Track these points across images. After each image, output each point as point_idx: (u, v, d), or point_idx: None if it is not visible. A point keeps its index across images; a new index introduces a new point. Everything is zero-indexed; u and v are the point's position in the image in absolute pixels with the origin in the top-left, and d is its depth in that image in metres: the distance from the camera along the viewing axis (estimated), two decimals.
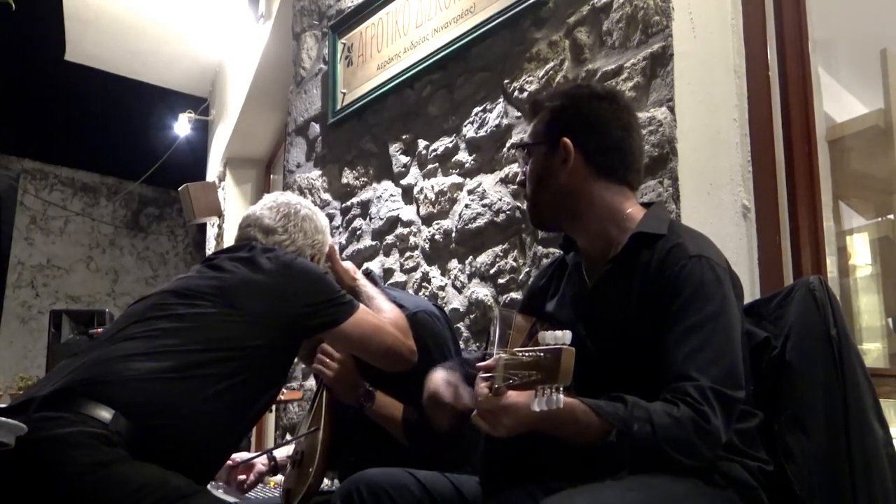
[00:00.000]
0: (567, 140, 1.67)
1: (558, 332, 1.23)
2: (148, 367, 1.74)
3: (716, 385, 1.40)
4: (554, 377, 1.21)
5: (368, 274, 2.41)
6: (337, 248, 3.61)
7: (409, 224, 3.23)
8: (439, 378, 1.70)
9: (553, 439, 1.43)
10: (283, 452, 2.55)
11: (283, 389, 2.84)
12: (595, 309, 1.64)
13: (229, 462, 2.43)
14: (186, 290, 1.93)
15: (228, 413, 1.82)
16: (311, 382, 3.67)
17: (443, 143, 3.09)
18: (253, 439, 5.00)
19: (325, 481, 2.54)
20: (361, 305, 2.06)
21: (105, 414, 1.65)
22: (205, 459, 1.82)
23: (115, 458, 1.61)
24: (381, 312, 2.12)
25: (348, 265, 2.29)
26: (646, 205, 1.72)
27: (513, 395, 1.34)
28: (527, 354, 1.25)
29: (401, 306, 2.23)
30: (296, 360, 2.86)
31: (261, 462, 2.44)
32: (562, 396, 1.21)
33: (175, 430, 1.72)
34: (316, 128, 3.96)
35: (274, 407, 2.99)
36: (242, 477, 2.39)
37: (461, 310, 2.86)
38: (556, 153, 1.68)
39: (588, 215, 1.67)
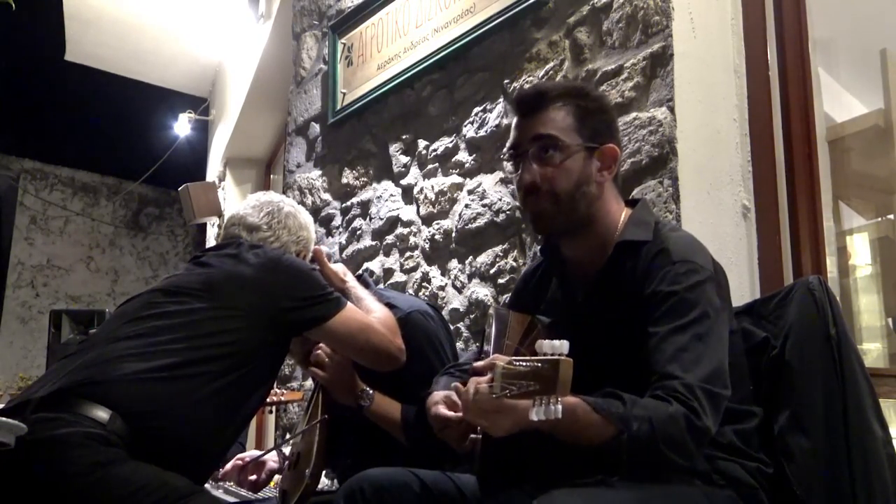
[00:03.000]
0: (615, 147, 1.62)
1: (556, 342, 1.20)
2: (142, 367, 1.75)
3: (702, 382, 1.38)
4: (552, 388, 1.19)
5: (361, 276, 2.41)
6: (337, 248, 3.62)
7: (409, 224, 3.23)
8: (438, 398, 1.68)
9: (551, 439, 1.42)
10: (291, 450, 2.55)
11: (283, 390, 2.84)
12: (585, 323, 1.59)
13: (238, 461, 2.43)
14: (175, 287, 1.94)
15: (222, 411, 1.83)
16: (310, 382, 3.66)
17: (443, 143, 3.09)
18: (253, 439, 5.00)
19: (325, 481, 2.54)
20: (349, 303, 2.06)
21: (102, 414, 1.66)
22: (201, 458, 1.83)
23: (114, 458, 1.62)
24: (370, 313, 2.12)
25: (338, 267, 2.29)
26: (630, 202, 1.69)
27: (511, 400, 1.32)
28: (524, 364, 1.22)
29: (394, 307, 2.23)
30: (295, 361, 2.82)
31: (272, 459, 2.44)
32: (560, 407, 1.19)
33: (171, 430, 1.73)
34: (316, 128, 3.96)
35: (274, 408, 3.00)
36: (254, 476, 2.39)
37: (461, 310, 2.86)
38: (590, 158, 1.60)
39: (597, 226, 1.62)
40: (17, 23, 4.98)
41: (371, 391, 2.14)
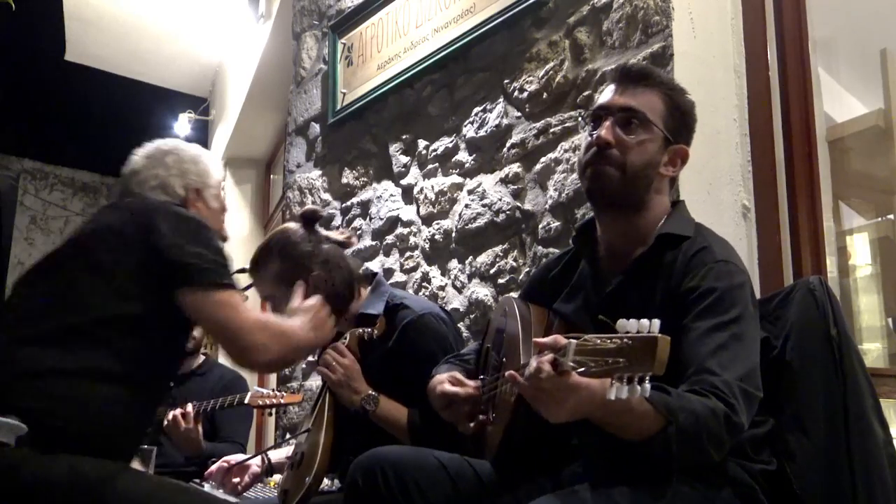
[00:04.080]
0: (686, 150, 1.67)
1: (644, 321, 1.16)
2: (34, 358, 1.62)
3: (739, 381, 1.39)
4: (645, 366, 1.13)
5: (375, 275, 2.38)
6: None
7: (409, 224, 3.23)
8: (443, 378, 1.68)
9: (574, 433, 1.40)
10: (279, 454, 2.54)
11: (283, 392, 2.83)
12: (614, 310, 1.60)
13: (224, 464, 2.42)
14: (51, 259, 1.79)
15: (120, 384, 1.69)
16: (310, 383, 3.67)
17: (443, 143, 3.09)
18: (253, 440, 5.00)
19: (325, 481, 2.54)
20: (236, 293, 1.78)
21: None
22: (112, 445, 1.68)
23: (21, 459, 1.53)
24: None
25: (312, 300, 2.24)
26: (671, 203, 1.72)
27: (582, 378, 1.25)
28: (610, 340, 1.17)
29: (406, 307, 2.22)
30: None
31: (255, 463, 2.44)
32: (648, 386, 1.14)
33: (72, 424, 1.62)
34: (316, 128, 3.96)
35: (274, 410, 2.99)
36: (237, 479, 2.39)
37: (461, 310, 2.86)
38: (664, 150, 1.64)
39: (644, 214, 1.64)
40: (17, 23, 4.98)
41: (377, 395, 2.13)
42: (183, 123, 6.64)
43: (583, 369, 1.18)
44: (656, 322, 1.15)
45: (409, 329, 2.17)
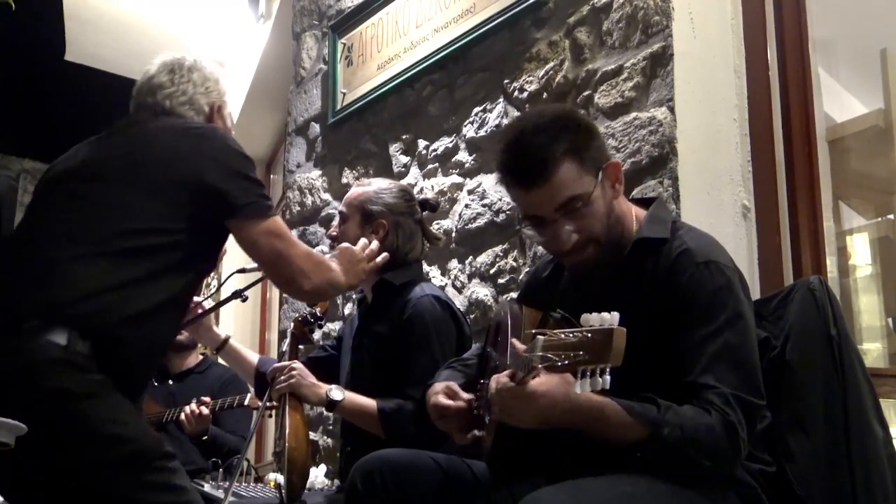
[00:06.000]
0: (616, 162, 1.62)
1: (605, 314, 1.18)
2: (85, 273, 1.65)
3: (737, 392, 1.39)
4: (603, 357, 1.15)
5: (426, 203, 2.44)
6: None
7: None
8: (438, 389, 1.68)
9: (569, 434, 1.42)
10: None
11: None
12: None
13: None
14: (94, 172, 1.84)
15: (167, 308, 1.75)
16: None
17: (443, 143, 3.09)
18: (252, 441, 4.98)
19: (325, 481, 2.55)
20: (279, 220, 1.86)
21: (59, 336, 1.57)
22: (152, 364, 1.82)
23: (92, 388, 1.57)
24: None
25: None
26: (645, 201, 1.70)
27: (547, 381, 1.29)
28: (572, 335, 1.19)
29: (414, 285, 2.28)
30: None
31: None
32: (608, 378, 1.16)
33: (128, 339, 1.65)
34: (316, 128, 3.96)
35: (273, 411, 3.00)
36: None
37: (461, 310, 2.86)
38: (604, 186, 1.57)
39: (622, 235, 1.61)
40: (17, 23, 4.98)
41: (340, 388, 2.20)
42: None
43: (549, 364, 1.21)
44: (615, 315, 1.18)
45: (408, 309, 2.23)
